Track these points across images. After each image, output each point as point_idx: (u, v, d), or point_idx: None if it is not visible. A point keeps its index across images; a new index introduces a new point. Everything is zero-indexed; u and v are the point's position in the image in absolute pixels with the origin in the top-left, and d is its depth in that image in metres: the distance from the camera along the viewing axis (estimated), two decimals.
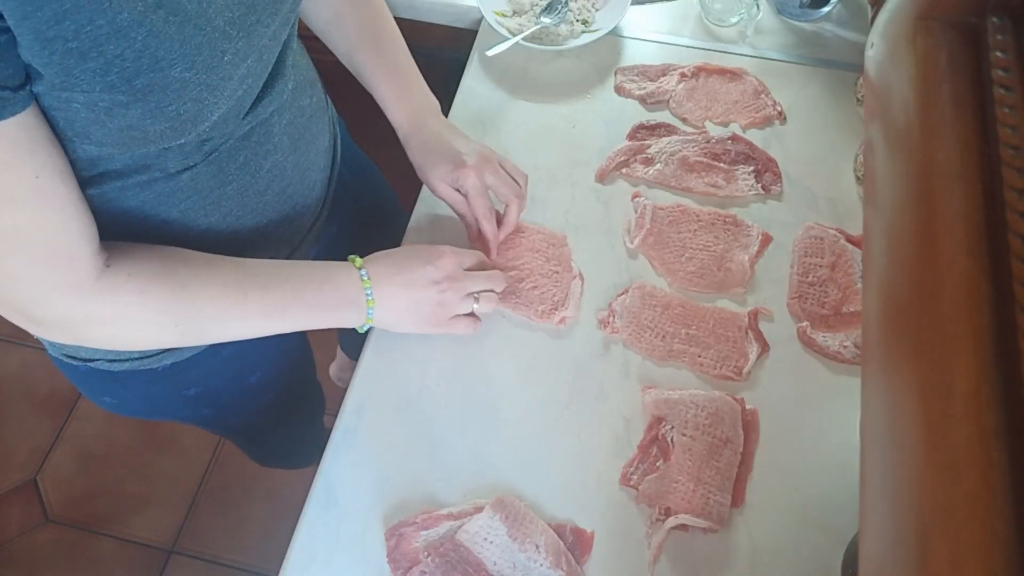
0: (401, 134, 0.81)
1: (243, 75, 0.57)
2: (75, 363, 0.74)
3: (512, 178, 0.80)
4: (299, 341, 0.98)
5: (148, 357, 0.73)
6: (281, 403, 0.98)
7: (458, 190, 0.78)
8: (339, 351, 1.59)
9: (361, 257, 0.71)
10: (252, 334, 0.67)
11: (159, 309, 0.60)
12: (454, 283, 0.72)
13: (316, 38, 0.83)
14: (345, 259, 0.71)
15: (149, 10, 0.47)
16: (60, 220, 0.52)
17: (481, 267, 0.77)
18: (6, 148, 0.46)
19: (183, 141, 0.56)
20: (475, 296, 0.74)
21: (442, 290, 0.71)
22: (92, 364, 0.73)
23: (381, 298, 0.70)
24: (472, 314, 0.75)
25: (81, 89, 0.47)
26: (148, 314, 0.60)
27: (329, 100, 0.86)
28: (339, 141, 0.87)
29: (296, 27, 0.68)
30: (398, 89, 0.81)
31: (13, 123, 0.46)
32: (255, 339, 0.83)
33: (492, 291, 0.76)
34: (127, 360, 0.73)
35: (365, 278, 0.69)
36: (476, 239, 0.82)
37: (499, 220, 0.81)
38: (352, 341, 1.46)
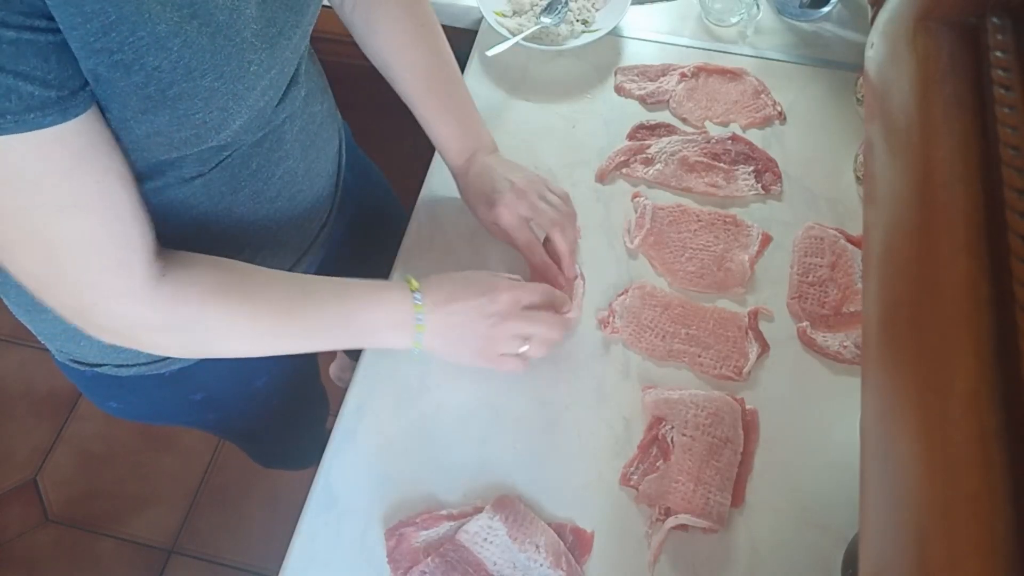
0: (454, 177, 0.81)
1: (265, 86, 0.58)
2: (81, 368, 0.74)
3: (551, 204, 0.78)
4: None
5: (155, 362, 0.73)
6: (285, 407, 0.98)
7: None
8: (339, 351, 1.59)
9: (372, 259, 0.71)
10: (304, 349, 0.66)
11: (218, 321, 0.60)
12: (504, 321, 0.67)
13: (322, 39, 0.83)
14: (351, 262, 0.71)
15: (184, 21, 0.48)
16: (120, 226, 0.52)
17: (547, 303, 0.72)
18: (69, 153, 0.46)
19: (203, 148, 0.57)
20: (525, 338, 0.70)
21: (491, 325, 0.67)
22: (99, 369, 0.73)
23: (432, 324, 0.67)
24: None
25: (118, 98, 0.48)
26: (206, 325, 0.59)
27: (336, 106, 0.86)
28: (344, 146, 0.87)
29: (308, 36, 0.68)
30: (453, 131, 0.80)
31: (74, 126, 0.46)
32: None
33: (547, 335, 0.71)
34: (134, 365, 0.73)
35: (418, 302, 0.66)
36: (538, 273, 0.79)
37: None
38: None
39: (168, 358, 0.73)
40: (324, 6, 0.69)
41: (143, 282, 0.55)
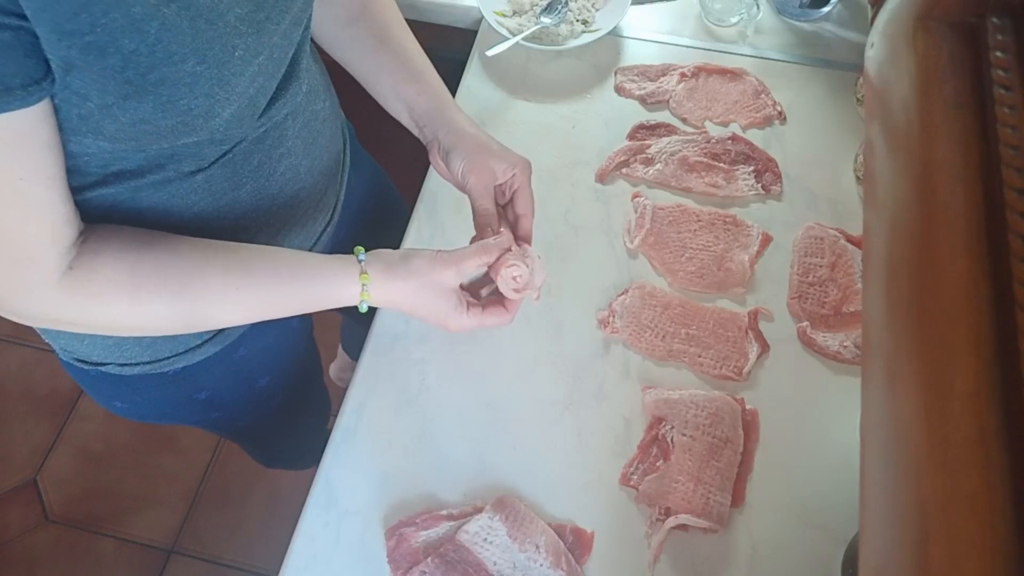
0: (429, 129, 0.74)
1: (254, 72, 0.57)
2: (85, 367, 0.74)
3: None
4: (308, 345, 0.98)
5: (159, 361, 0.73)
6: (288, 406, 0.99)
7: (498, 186, 0.72)
8: (340, 350, 1.60)
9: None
10: (218, 327, 0.65)
11: (114, 314, 0.58)
12: (452, 329, 0.68)
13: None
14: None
15: (162, 3, 0.47)
16: (36, 224, 0.51)
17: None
18: None
19: (195, 139, 0.56)
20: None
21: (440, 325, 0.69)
22: (103, 368, 0.73)
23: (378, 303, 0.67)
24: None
25: (97, 84, 0.47)
26: (105, 318, 0.58)
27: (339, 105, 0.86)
28: (349, 145, 0.86)
29: (310, 30, 0.68)
30: (423, 86, 0.76)
31: (3, 122, 0.45)
32: (266, 344, 0.83)
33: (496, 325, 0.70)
34: (138, 364, 0.73)
35: (365, 291, 0.64)
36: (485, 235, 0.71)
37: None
38: (353, 341, 1.46)
39: (172, 356, 0.73)
40: None
41: (51, 275, 0.54)
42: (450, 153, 0.72)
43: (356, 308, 0.69)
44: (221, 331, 0.75)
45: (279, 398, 0.94)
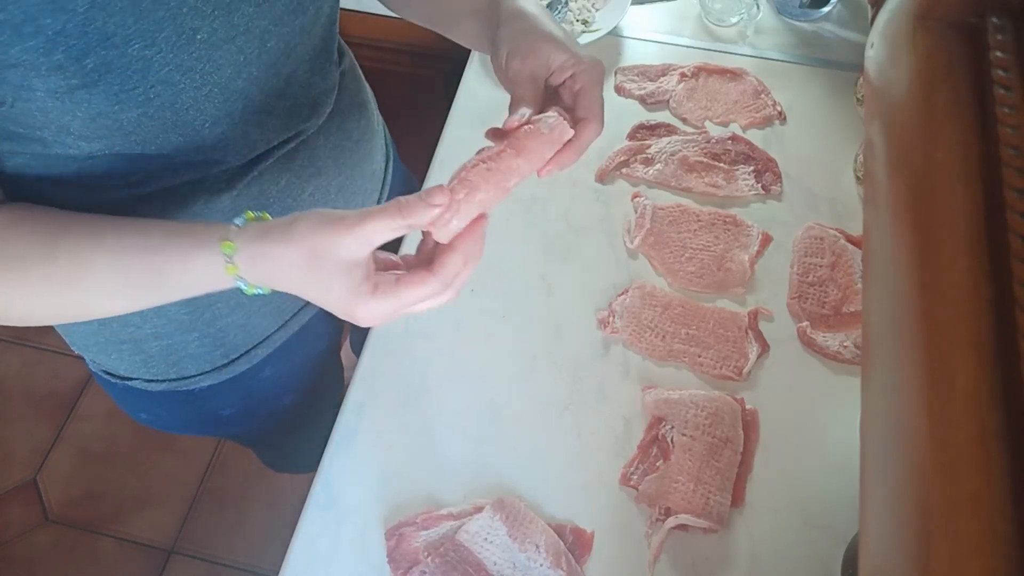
0: (491, 29, 0.60)
1: (238, 62, 0.51)
2: (113, 380, 0.74)
3: None
4: (334, 361, 0.97)
5: (185, 379, 0.73)
6: (309, 418, 0.98)
7: (559, 84, 0.59)
8: (346, 346, 1.59)
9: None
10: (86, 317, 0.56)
11: None
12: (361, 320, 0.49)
13: (366, 45, 0.80)
14: None
15: None
16: None
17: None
18: None
19: (181, 138, 0.52)
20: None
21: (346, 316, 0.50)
22: (129, 383, 0.73)
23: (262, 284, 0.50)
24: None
25: (32, 73, 0.44)
26: None
27: (384, 123, 0.83)
28: (392, 165, 0.84)
29: (334, 28, 0.64)
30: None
31: None
32: (293, 365, 0.82)
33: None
34: (164, 381, 0.73)
35: (242, 286, 0.50)
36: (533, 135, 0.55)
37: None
38: (357, 340, 1.45)
39: (197, 376, 0.73)
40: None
41: None
42: (498, 39, 0.57)
43: None
44: (248, 351, 0.74)
45: (302, 412, 0.94)
